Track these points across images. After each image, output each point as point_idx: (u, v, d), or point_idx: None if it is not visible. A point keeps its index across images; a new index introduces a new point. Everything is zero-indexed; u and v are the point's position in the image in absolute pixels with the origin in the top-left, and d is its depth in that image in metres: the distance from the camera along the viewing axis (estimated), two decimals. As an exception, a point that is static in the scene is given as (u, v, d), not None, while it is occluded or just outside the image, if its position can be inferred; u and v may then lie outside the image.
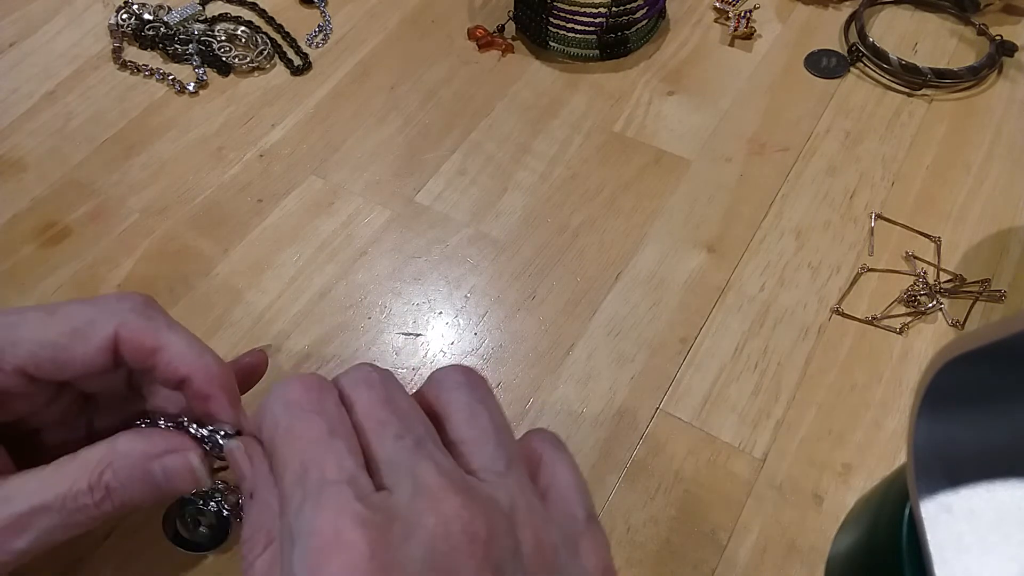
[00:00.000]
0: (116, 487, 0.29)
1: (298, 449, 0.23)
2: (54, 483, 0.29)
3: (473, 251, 0.46)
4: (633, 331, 0.43)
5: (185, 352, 0.31)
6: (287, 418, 0.24)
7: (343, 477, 0.22)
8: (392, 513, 0.22)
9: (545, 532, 0.24)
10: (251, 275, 0.45)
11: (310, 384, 0.25)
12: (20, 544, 0.28)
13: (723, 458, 0.39)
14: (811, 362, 0.42)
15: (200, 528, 0.35)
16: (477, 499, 0.22)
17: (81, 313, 0.31)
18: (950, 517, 0.25)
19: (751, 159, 0.50)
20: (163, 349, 0.30)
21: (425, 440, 0.24)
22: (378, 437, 0.24)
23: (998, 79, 0.54)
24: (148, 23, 0.56)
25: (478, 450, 0.25)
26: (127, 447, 0.30)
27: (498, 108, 0.53)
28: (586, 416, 0.40)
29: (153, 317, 0.31)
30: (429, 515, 0.22)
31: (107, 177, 0.50)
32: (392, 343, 0.43)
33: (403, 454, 0.23)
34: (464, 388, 0.26)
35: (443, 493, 0.22)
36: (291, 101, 0.54)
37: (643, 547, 0.36)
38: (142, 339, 0.30)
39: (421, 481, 0.22)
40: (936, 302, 0.43)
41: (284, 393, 0.25)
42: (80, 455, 0.29)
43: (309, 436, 0.23)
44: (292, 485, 0.23)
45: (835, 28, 0.57)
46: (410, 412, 0.25)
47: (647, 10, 0.54)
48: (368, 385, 0.25)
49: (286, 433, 0.24)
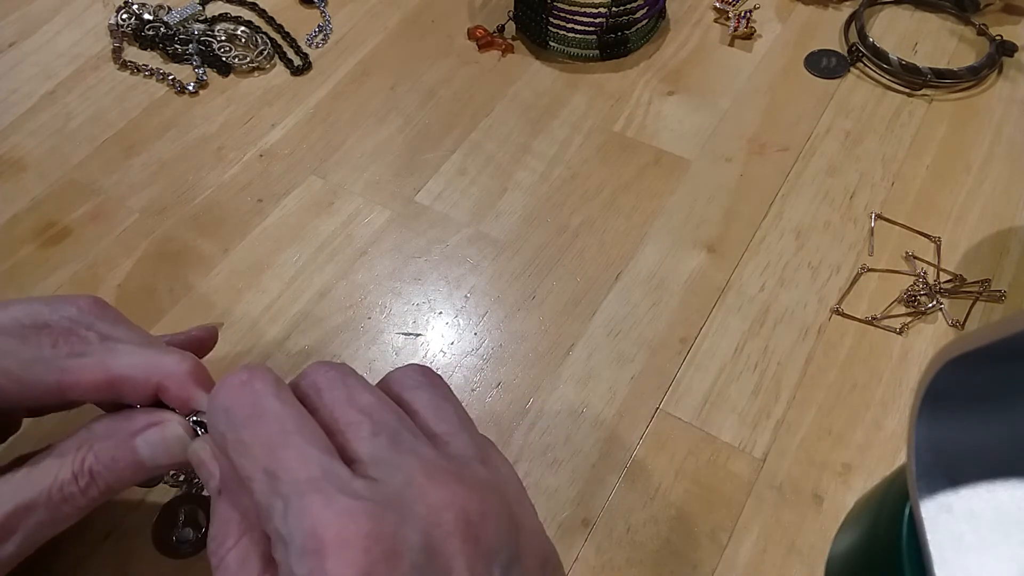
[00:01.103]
0: (100, 470, 0.28)
1: (257, 456, 0.22)
2: (36, 478, 0.28)
3: (473, 251, 0.46)
4: (633, 331, 0.43)
5: (143, 368, 0.29)
6: (232, 429, 0.23)
7: (315, 473, 0.22)
8: (383, 501, 0.21)
9: (532, 512, 0.24)
10: (251, 275, 0.45)
11: (243, 381, 0.24)
12: (9, 548, 0.27)
13: (723, 458, 0.39)
14: (811, 362, 0.42)
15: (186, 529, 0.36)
16: (466, 483, 0.22)
17: (27, 354, 0.29)
18: (950, 517, 0.25)
19: (751, 159, 0.50)
20: (117, 382, 0.29)
21: (399, 432, 0.24)
22: (354, 438, 0.23)
23: (998, 79, 0.54)
24: (148, 23, 0.56)
25: (453, 440, 0.25)
26: (105, 429, 0.29)
27: (498, 108, 0.53)
28: (586, 416, 0.40)
29: (95, 348, 0.29)
30: (421, 504, 0.22)
31: (107, 177, 0.50)
32: (392, 343, 0.43)
33: (383, 451, 0.23)
34: (425, 387, 0.26)
35: (430, 483, 0.22)
36: (291, 101, 0.54)
37: (643, 547, 0.36)
38: (92, 377, 0.29)
39: (407, 473, 0.22)
40: (936, 302, 0.43)
41: (220, 401, 0.24)
42: (56, 447, 0.29)
43: (262, 440, 0.23)
44: (266, 496, 0.22)
45: (835, 28, 0.57)
46: (377, 406, 0.24)
47: (647, 10, 0.54)
48: (328, 387, 0.25)
49: (237, 444, 0.23)
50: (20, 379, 0.29)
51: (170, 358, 0.29)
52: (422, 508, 0.21)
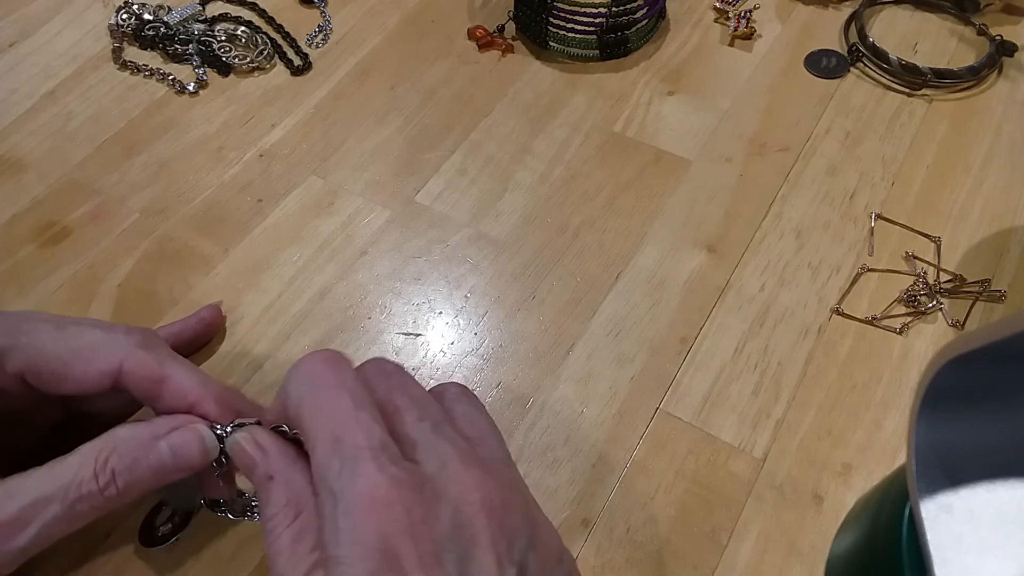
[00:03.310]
0: (121, 470, 0.29)
1: (328, 422, 0.25)
2: (57, 474, 0.29)
3: (473, 251, 0.46)
4: (633, 331, 0.43)
5: (190, 379, 0.32)
6: (312, 394, 0.26)
7: (375, 444, 0.24)
8: (423, 478, 0.24)
9: (544, 515, 0.27)
10: (251, 275, 0.45)
11: (329, 359, 0.27)
12: (21, 541, 0.28)
13: (723, 458, 0.39)
14: (811, 362, 0.42)
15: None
16: (493, 474, 0.25)
17: (90, 335, 0.32)
18: (950, 517, 0.25)
19: (751, 159, 0.50)
20: (169, 379, 0.32)
21: (442, 423, 0.26)
22: (400, 420, 0.26)
23: (998, 79, 0.54)
24: (148, 23, 0.56)
25: (482, 444, 0.27)
26: (130, 432, 0.30)
27: (498, 108, 0.53)
28: (586, 416, 0.40)
29: (157, 350, 0.33)
30: (454, 484, 0.24)
31: (107, 177, 0.50)
32: (392, 343, 0.43)
33: (425, 434, 0.26)
34: (463, 400, 0.29)
35: (463, 468, 0.25)
36: (291, 101, 0.54)
37: (643, 547, 0.36)
38: (147, 370, 0.32)
39: (444, 457, 0.25)
40: (936, 302, 0.43)
41: (306, 370, 0.26)
42: (79, 449, 0.30)
43: (336, 409, 0.25)
44: (328, 455, 0.24)
45: (835, 28, 0.57)
46: (425, 399, 0.27)
47: (647, 10, 0.54)
48: (385, 375, 0.28)
49: (313, 408, 0.26)
50: (60, 359, 0.31)
51: (214, 383, 0.33)
52: (455, 488, 0.24)
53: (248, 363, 0.42)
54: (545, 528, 0.26)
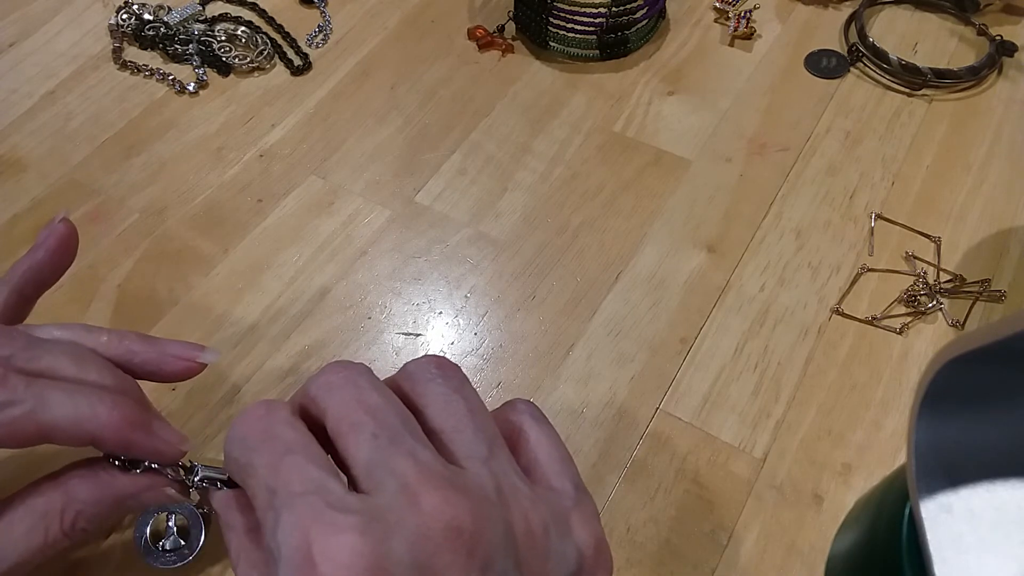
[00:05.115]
0: (88, 527, 0.30)
1: (261, 478, 0.23)
2: (28, 539, 0.29)
3: (473, 251, 0.46)
4: (633, 331, 0.43)
5: (73, 420, 0.28)
6: (244, 456, 0.24)
7: (309, 488, 0.22)
8: (372, 514, 0.21)
9: (534, 513, 0.24)
10: (251, 275, 0.45)
11: (255, 415, 0.25)
12: None
13: (723, 458, 0.39)
14: (811, 362, 0.42)
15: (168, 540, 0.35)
16: (460, 489, 0.22)
17: None
18: (950, 517, 0.25)
19: (751, 159, 0.50)
20: (53, 432, 0.28)
21: (401, 434, 0.23)
22: (354, 441, 0.24)
23: (998, 79, 0.54)
24: (148, 23, 0.56)
25: (458, 437, 0.24)
26: (89, 492, 0.29)
27: (498, 108, 0.53)
28: (586, 416, 0.40)
29: (16, 388, 0.28)
30: (410, 514, 0.21)
31: (107, 177, 0.50)
32: (392, 343, 0.43)
33: (379, 453, 0.23)
34: (438, 379, 0.26)
35: (423, 489, 0.22)
36: (291, 101, 0.54)
37: (643, 547, 0.36)
38: (24, 431, 0.28)
39: (401, 478, 0.22)
40: (936, 302, 0.43)
41: (237, 431, 0.25)
42: (30, 500, 0.29)
43: (265, 463, 0.23)
44: (264, 510, 0.23)
45: (835, 28, 0.57)
46: (383, 406, 0.24)
47: (647, 10, 0.54)
48: (338, 387, 0.25)
49: (246, 469, 0.24)
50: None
51: (102, 407, 0.28)
52: (412, 519, 0.21)
53: (248, 363, 0.42)
54: (545, 528, 0.23)
